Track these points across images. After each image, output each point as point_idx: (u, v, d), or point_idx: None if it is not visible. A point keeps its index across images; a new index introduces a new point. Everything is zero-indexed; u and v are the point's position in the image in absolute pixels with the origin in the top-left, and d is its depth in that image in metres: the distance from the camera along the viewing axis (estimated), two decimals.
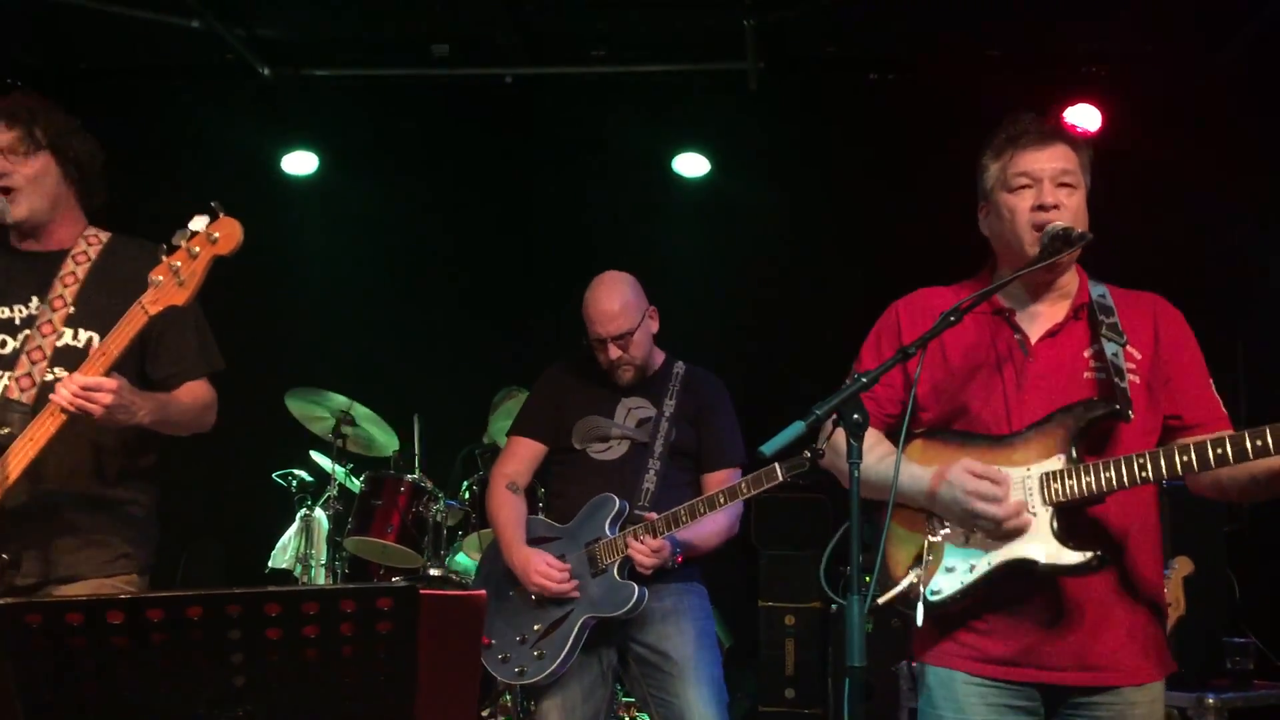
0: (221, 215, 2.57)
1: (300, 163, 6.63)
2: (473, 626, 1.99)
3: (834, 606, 5.63)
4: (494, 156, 6.53)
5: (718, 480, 3.59)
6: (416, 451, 5.59)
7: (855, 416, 2.08)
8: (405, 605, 1.90)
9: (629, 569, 3.40)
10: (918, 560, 2.43)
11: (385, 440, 5.70)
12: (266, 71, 6.31)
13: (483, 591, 2.00)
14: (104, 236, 2.91)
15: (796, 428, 2.07)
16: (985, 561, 2.38)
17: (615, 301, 3.51)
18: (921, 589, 2.37)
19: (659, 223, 6.45)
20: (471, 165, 6.54)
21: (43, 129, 2.81)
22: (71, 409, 2.52)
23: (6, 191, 2.79)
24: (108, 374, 2.57)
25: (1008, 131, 2.54)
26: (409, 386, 6.16)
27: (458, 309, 6.64)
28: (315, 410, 5.62)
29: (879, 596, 2.37)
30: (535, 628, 3.42)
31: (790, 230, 6.39)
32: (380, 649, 1.94)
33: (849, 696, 1.93)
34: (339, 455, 5.60)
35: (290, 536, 5.70)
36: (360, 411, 5.59)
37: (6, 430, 2.60)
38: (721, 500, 3.35)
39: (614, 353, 3.51)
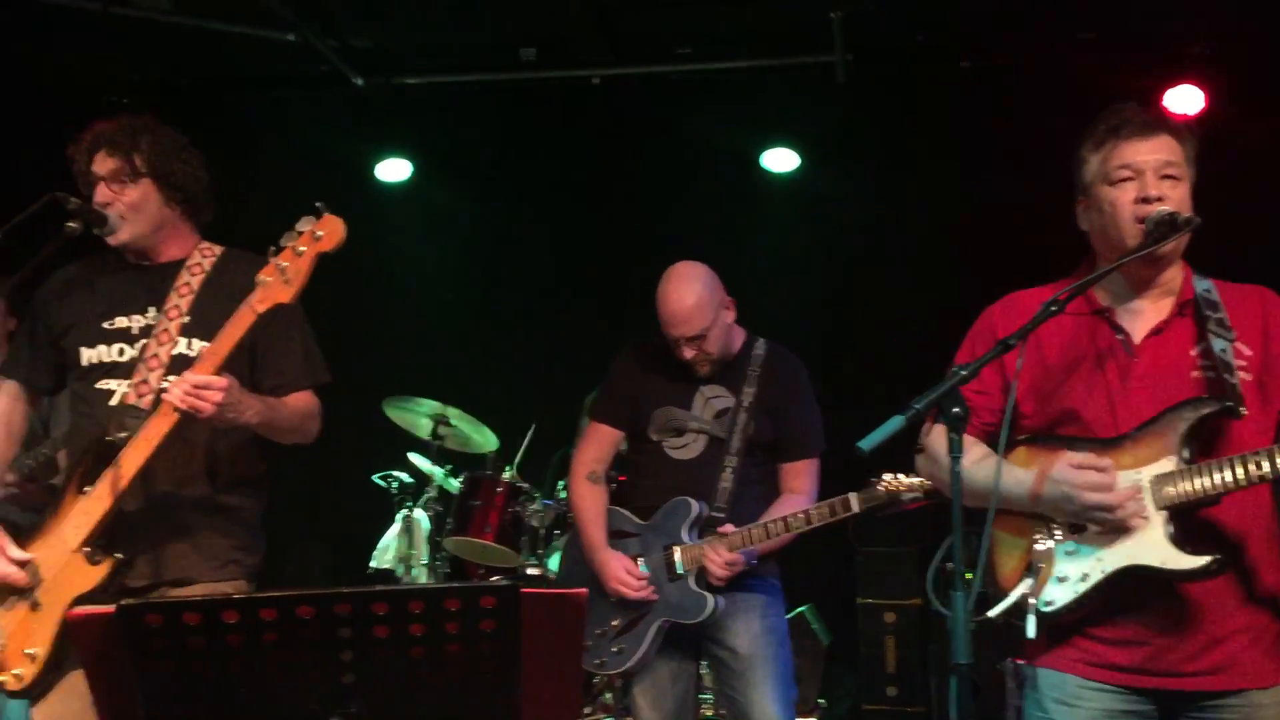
0: (325, 214, 2.62)
1: (393, 170, 6.76)
2: (574, 624, 2.01)
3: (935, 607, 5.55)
4: (582, 158, 6.57)
5: (796, 471, 3.55)
6: (517, 458, 5.64)
7: (955, 410, 2.04)
8: (508, 603, 1.93)
9: (705, 577, 3.40)
10: (1026, 569, 2.36)
11: (482, 440, 5.76)
12: (360, 81, 6.43)
13: (584, 590, 1.99)
14: (217, 250, 2.98)
15: (895, 422, 2.04)
16: (1099, 570, 2.31)
17: (688, 299, 3.43)
18: (1033, 600, 2.31)
19: (748, 219, 6.42)
20: (560, 167, 6.59)
21: (143, 156, 2.87)
22: (184, 407, 2.57)
23: (117, 216, 2.86)
24: (217, 373, 2.62)
25: (1108, 122, 2.46)
26: (502, 388, 6.23)
27: (549, 310, 6.69)
28: (412, 415, 5.71)
29: (989, 609, 2.31)
30: (614, 622, 3.45)
31: (881, 224, 6.31)
32: (484, 646, 1.97)
33: (955, 695, 1.91)
34: (437, 457, 5.68)
35: (392, 537, 5.79)
36: (455, 414, 5.66)
37: (125, 435, 2.66)
38: (797, 524, 3.32)
39: (689, 352, 3.47)
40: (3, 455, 2.92)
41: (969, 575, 2.05)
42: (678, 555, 3.42)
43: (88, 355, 2.84)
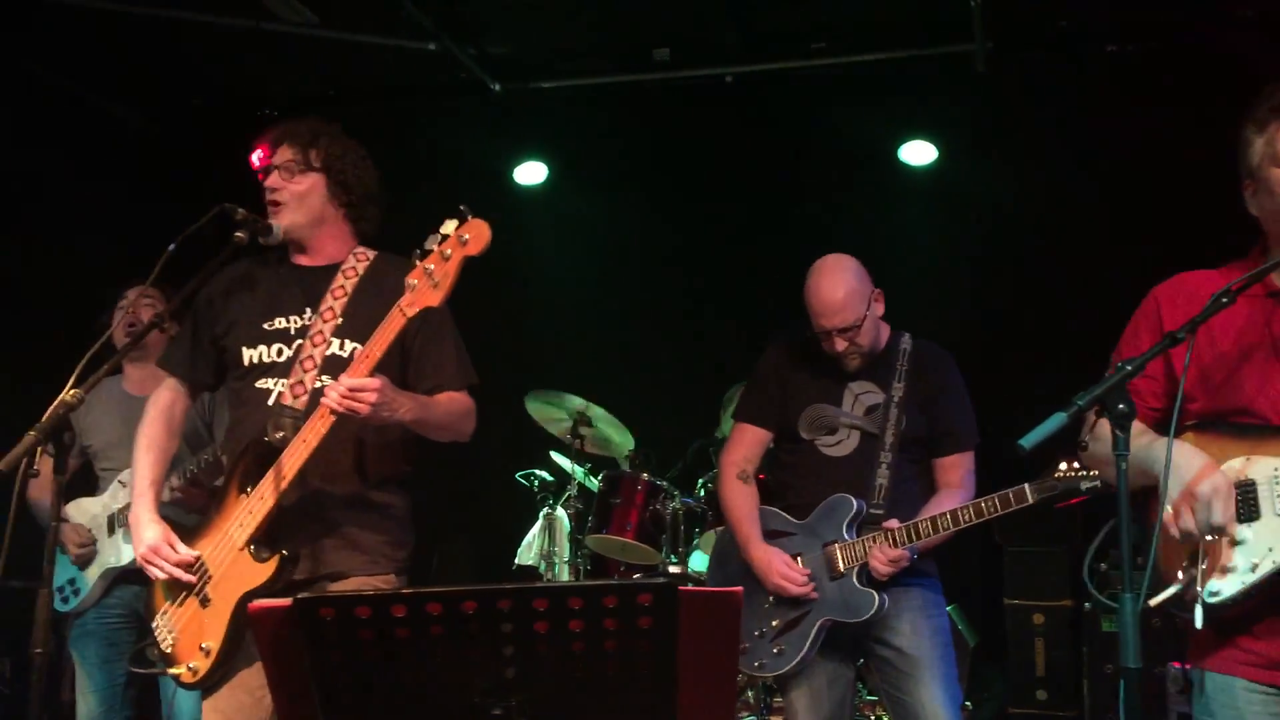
0: (470, 218, 2.66)
1: (531, 173, 6.87)
2: (730, 623, 2.01)
3: (1088, 605, 5.38)
4: (718, 155, 6.57)
5: (950, 465, 3.48)
6: (675, 471, 5.69)
7: (1121, 407, 1.98)
8: (666, 601, 1.94)
9: (868, 575, 3.35)
10: (1193, 559, 2.28)
11: (621, 440, 5.82)
12: (497, 87, 6.56)
13: (739, 589, 1.99)
14: (370, 254, 3.07)
15: (1057, 419, 1.99)
16: (1270, 560, 2.23)
17: (839, 290, 3.38)
18: (1199, 590, 2.23)
19: (886, 214, 6.33)
20: (695, 165, 6.61)
21: (319, 151, 3.00)
22: (340, 409, 2.65)
23: (275, 205, 2.98)
24: (371, 375, 2.69)
25: (1271, 101, 2.35)
26: (642, 385, 6.27)
27: (687, 307, 6.71)
28: (553, 412, 5.80)
29: (1151, 598, 2.23)
30: (774, 623, 3.41)
31: (1022, 216, 6.16)
32: (642, 644, 1.99)
33: (1125, 699, 1.85)
34: (577, 455, 5.75)
35: (534, 534, 5.89)
36: (596, 412, 5.73)
37: (281, 434, 2.76)
38: (965, 517, 3.25)
39: (840, 345, 3.42)
40: (164, 448, 3.01)
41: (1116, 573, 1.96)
42: (839, 553, 3.37)
43: (248, 355, 2.93)
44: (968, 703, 5.58)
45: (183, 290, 2.93)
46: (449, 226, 2.67)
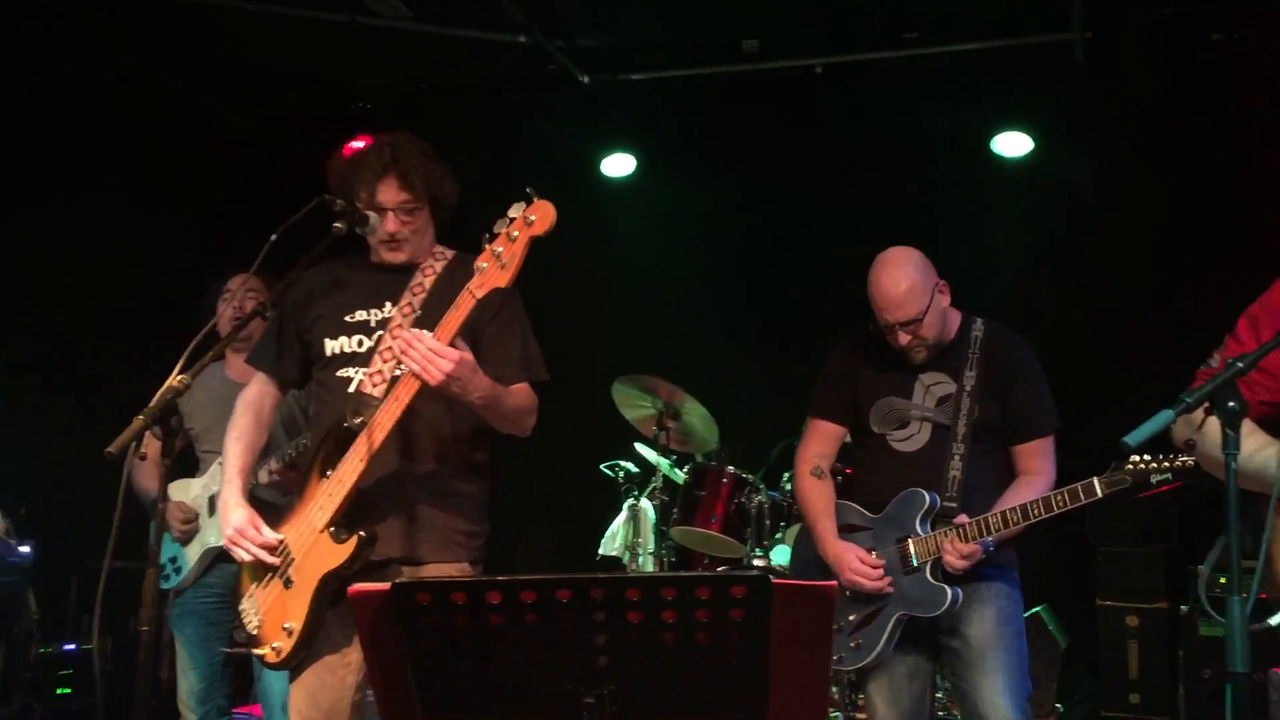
0: (535, 199, 2.67)
1: (619, 165, 6.90)
2: (824, 617, 2.00)
3: (1184, 608, 5.25)
4: (806, 147, 6.52)
5: (1030, 452, 3.40)
6: (761, 472, 5.68)
7: (1231, 404, 1.92)
8: (758, 593, 1.94)
9: (942, 569, 3.31)
10: None
11: (706, 432, 5.81)
12: (586, 79, 6.59)
13: (834, 583, 1.98)
14: (449, 254, 3.11)
15: (1164, 417, 1.94)
16: None
17: (901, 284, 3.31)
18: None
19: (980, 207, 6.23)
20: (784, 157, 6.57)
21: (424, 183, 3.01)
22: (416, 367, 2.65)
23: (397, 244, 3.00)
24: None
25: None
26: (728, 379, 6.26)
27: (774, 300, 6.68)
28: (638, 403, 5.81)
29: (1269, 615, 2.16)
30: (850, 618, 3.38)
31: (1120, 209, 6.02)
32: (734, 636, 1.98)
33: (1232, 705, 1.79)
34: (662, 447, 5.75)
35: (618, 525, 5.91)
36: (680, 406, 5.72)
37: (360, 420, 2.79)
38: (1036, 511, 3.18)
39: (904, 339, 3.35)
40: (253, 441, 3.07)
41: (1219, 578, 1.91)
42: (912, 547, 3.34)
43: (330, 346, 2.99)
44: (1059, 705, 5.48)
45: (284, 279, 2.99)
46: (515, 209, 2.69)
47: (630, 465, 6.09)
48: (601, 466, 6.17)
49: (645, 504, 5.85)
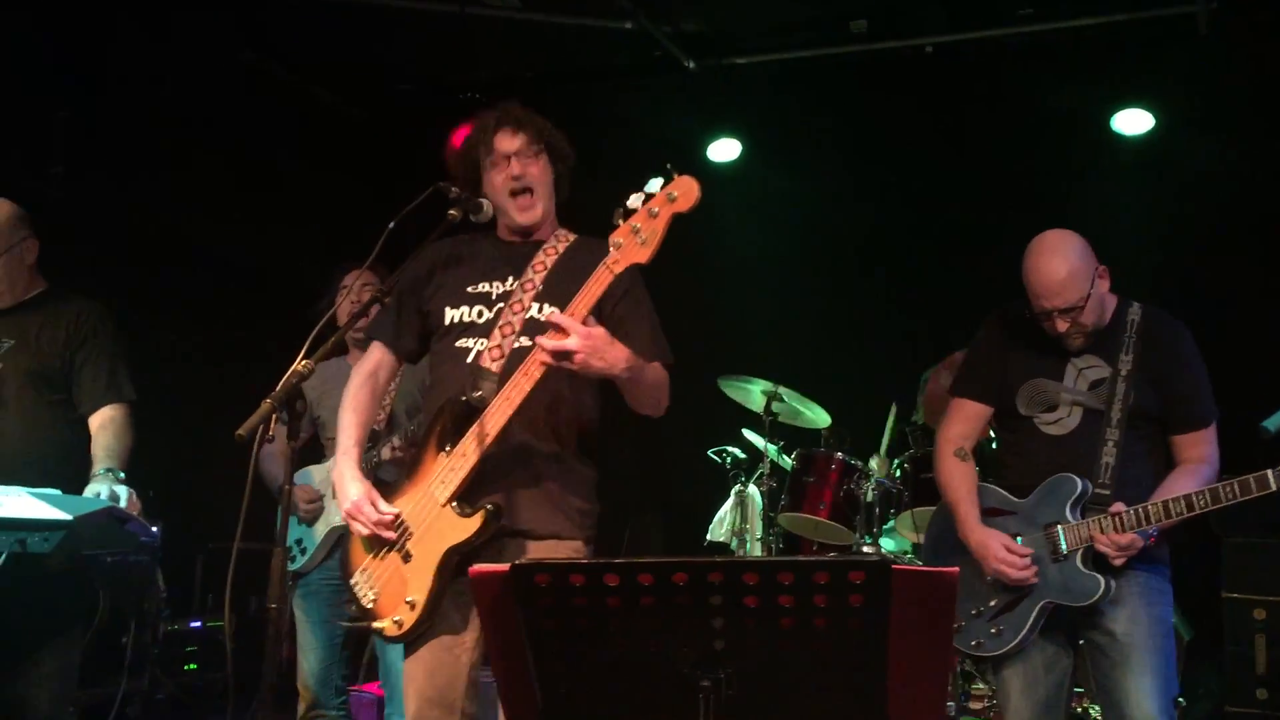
0: (676, 175, 2.64)
1: (724, 150, 6.87)
2: (945, 604, 1.97)
3: None
4: (916, 129, 6.41)
5: (1192, 441, 3.28)
6: (884, 440, 5.61)
7: None
8: (878, 579, 1.91)
9: (1093, 557, 3.21)
10: None
11: (814, 416, 5.77)
12: (691, 64, 6.57)
13: (955, 569, 1.94)
14: (571, 236, 3.11)
15: None
16: None
17: (1060, 270, 3.21)
18: None
19: (1098, 187, 6.04)
20: (893, 140, 6.47)
21: (537, 129, 3.03)
22: (549, 352, 2.65)
23: (529, 192, 3.02)
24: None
25: None
26: (837, 365, 6.20)
27: (883, 285, 6.59)
28: (746, 391, 5.79)
29: None
30: (991, 603, 3.29)
31: (1247, 187, 5.78)
32: (852, 621, 1.96)
33: None
34: (770, 433, 5.72)
35: (726, 511, 5.91)
36: (788, 391, 5.69)
37: (479, 394, 2.82)
38: (1201, 502, 3.06)
39: (1062, 325, 3.25)
40: (368, 411, 3.08)
41: None
42: (1062, 535, 3.23)
43: (450, 315, 3.00)
44: (1181, 699, 5.31)
45: (400, 267, 3.03)
46: (654, 185, 2.66)
47: (738, 451, 6.08)
48: (709, 452, 6.17)
49: (753, 490, 5.84)
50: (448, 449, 2.83)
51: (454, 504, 2.79)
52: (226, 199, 6.47)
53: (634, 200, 2.67)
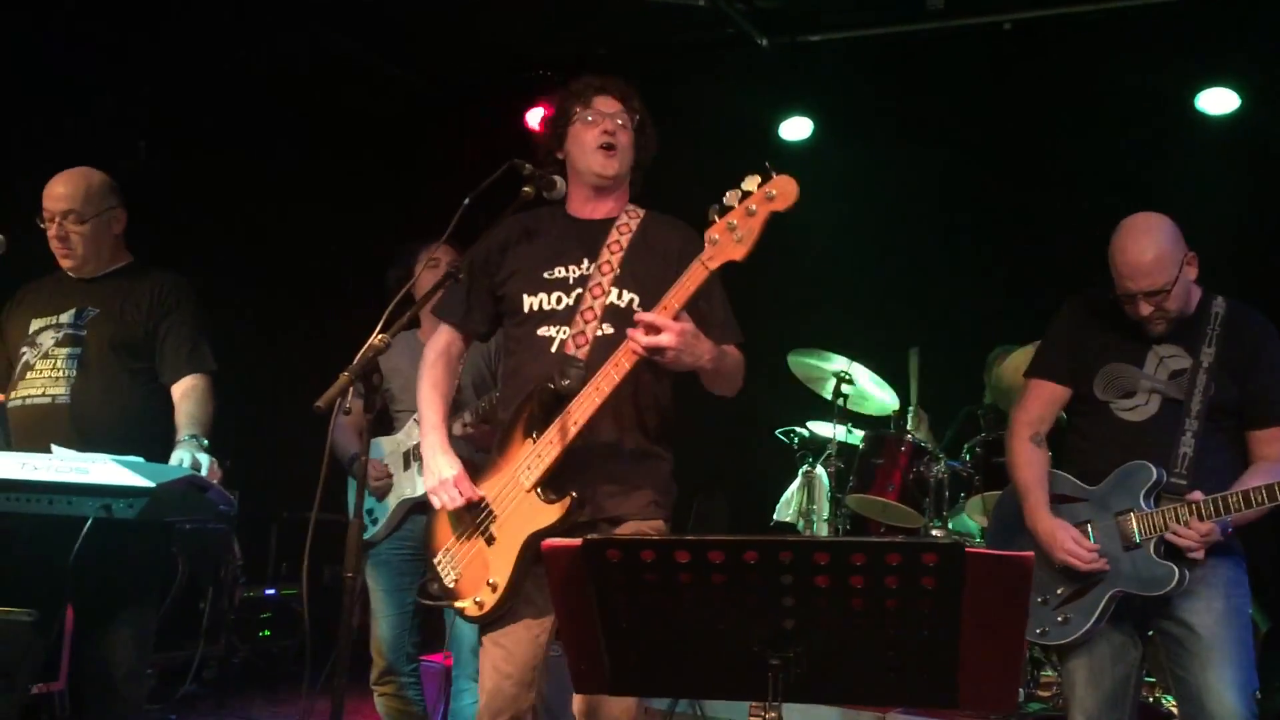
0: (775, 174, 2.67)
1: (796, 129, 6.81)
2: (1019, 588, 1.95)
3: None
4: (993, 108, 6.29)
5: (1267, 439, 3.21)
6: (913, 391, 5.56)
7: None
8: (951, 562, 1.91)
9: (1166, 547, 3.15)
10: None
11: (884, 398, 5.73)
12: (764, 42, 6.52)
13: (1030, 554, 1.92)
14: (641, 212, 3.13)
15: None
16: None
17: (1149, 252, 3.15)
18: None
19: (1181, 168, 5.89)
20: (969, 119, 6.36)
21: (638, 110, 3.11)
22: (644, 348, 2.71)
23: (611, 150, 3.04)
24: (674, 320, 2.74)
25: None
26: (907, 345, 6.14)
27: (955, 265, 6.50)
28: (815, 370, 5.77)
29: None
30: (1059, 591, 3.25)
31: None
32: (924, 604, 1.96)
33: None
34: (839, 414, 5.70)
35: (793, 491, 5.90)
36: (859, 371, 5.65)
37: (567, 382, 2.85)
38: None
39: (1145, 309, 3.20)
40: (448, 388, 3.15)
41: None
42: (1135, 523, 3.19)
43: (528, 302, 3.02)
44: (1258, 692, 5.21)
45: (472, 246, 3.06)
46: (750, 183, 2.68)
47: (805, 431, 6.06)
48: (777, 432, 6.15)
49: (820, 470, 5.82)
50: (534, 435, 2.87)
51: (538, 490, 2.84)
52: (305, 176, 6.58)
53: (730, 197, 2.70)
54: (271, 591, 6.37)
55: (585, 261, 3.02)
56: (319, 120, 6.60)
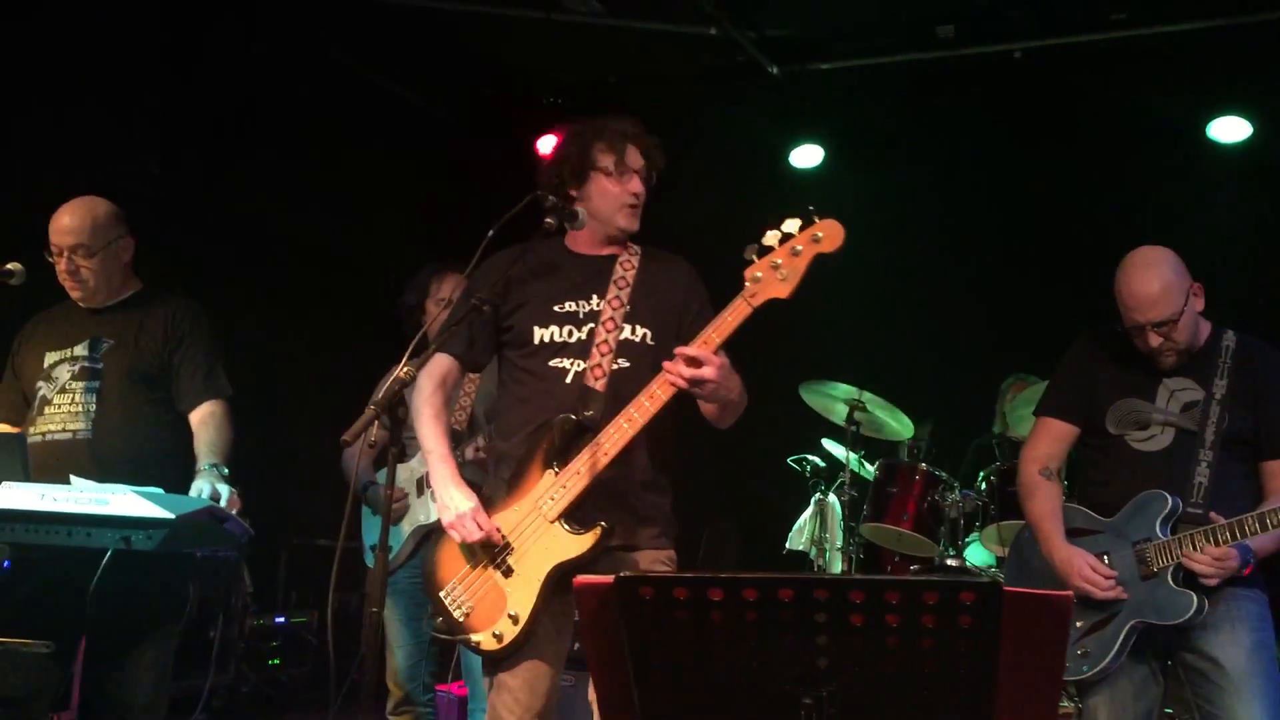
0: (818, 218, 2.76)
1: (807, 156, 6.82)
2: (1058, 627, 1.93)
3: None
4: (1004, 137, 6.31)
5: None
6: (921, 451, 5.57)
7: None
8: (988, 601, 1.88)
9: (1184, 575, 3.14)
10: None
11: (898, 426, 5.71)
12: (775, 70, 6.53)
13: (1069, 593, 1.91)
14: (638, 249, 3.17)
15: None
16: None
17: (1154, 284, 3.18)
18: None
19: (1193, 197, 5.91)
20: (980, 147, 6.38)
21: (659, 165, 3.14)
22: (683, 384, 2.75)
23: (635, 209, 3.09)
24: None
25: None
26: (919, 375, 6.13)
27: (967, 294, 6.50)
28: (828, 400, 5.75)
29: None
30: (1078, 624, 3.23)
31: None
32: (960, 643, 1.93)
33: None
34: (852, 442, 5.67)
35: (805, 520, 5.87)
36: (870, 400, 5.63)
37: (589, 413, 2.88)
38: None
39: (1154, 340, 3.21)
40: (447, 419, 3.12)
41: None
42: (1153, 552, 3.18)
43: (539, 334, 3.02)
44: None
45: (472, 276, 3.06)
46: (791, 225, 2.77)
47: (818, 459, 6.04)
48: (789, 460, 6.13)
49: (832, 499, 5.80)
50: (556, 466, 2.87)
51: (563, 521, 2.84)
52: (312, 200, 6.58)
53: (770, 238, 2.78)
54: (281, 619, 6.33)
55: (594, 298, 3.05)
56: (331, 143, 6.61)
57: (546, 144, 6.85)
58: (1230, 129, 5.92)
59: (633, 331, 3.01)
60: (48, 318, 3.72)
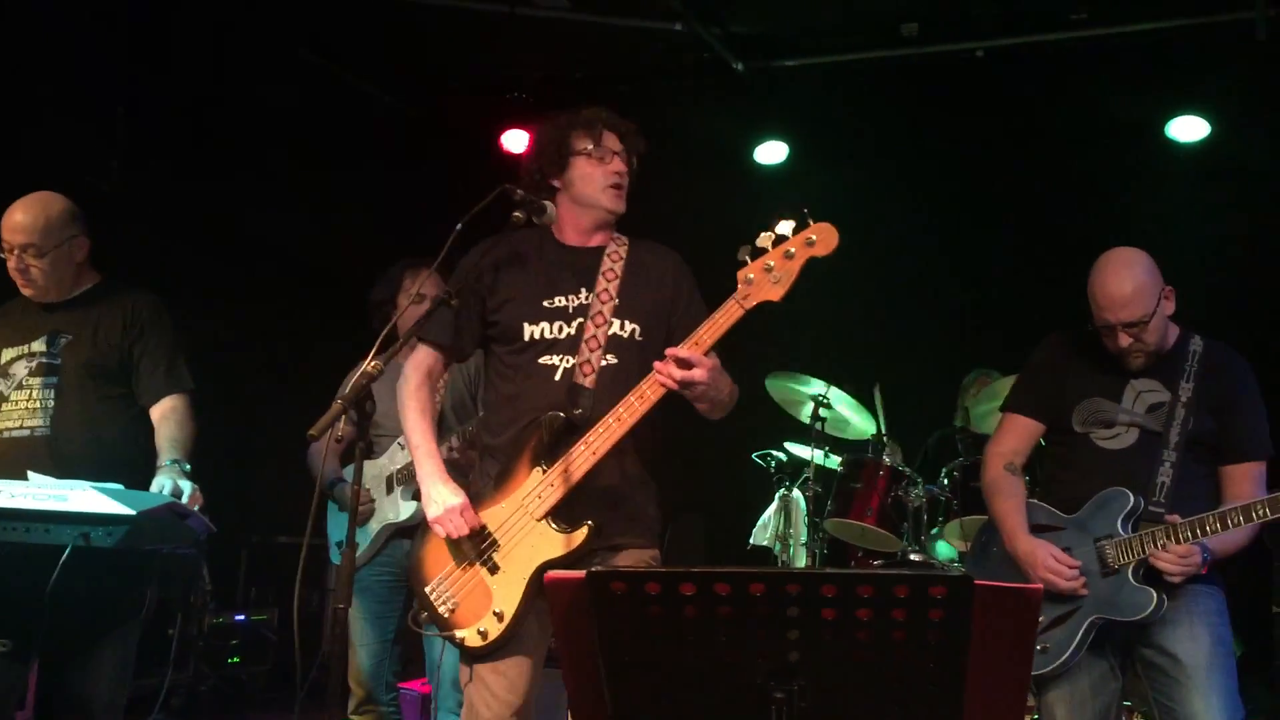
0: (811, 221, 2.76)
1: (771, 153, 6.83)
2: (1027, 620, 1.95)
3: None
4: (966, 135, 6.36)
5: (1240, 475, 3.25)
6: (880, 424, 5.58)
7: None
8: (959, 594, 1.89)
9: (1144, 572, 3.18)
10: None
11: (862, 423, 5.73)
12: (740, 66, 6.54)
13: (1039, 586, 1.92)
14: (625, 240, 3.14)
15: None
16: None
17: (1127, 285, 3.20)
18: None
19: (1152, 195, 5.99)
20: (943, 144, 6.42)
21: (639, 149, 3.14)
22: (673, 385, 2.73)
23: (619, 190, 3.07)
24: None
25: None
26: (881, 369, 6.15)
27: (928, 293, 6.54)
28: (793, 394, 5.76)
29: None
30: (1039, 619, 3.26)
31: None
32: (931, 636, 1.94)
33: None
34: (816, 438, 5.69)
35: (770, 516, 5.87)
36: (835, 395, 5.65)
37: (579, 411, 2.86)
38: (1261, 512, 3.02)
39: (1124, 340, 3.24)
40: (433, 414, 3.11)
41: None
42: (1113, 549, 3.21)
43: (529, 330, 2.99)
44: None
45: (457, 270, 3.04)
46: (785, 227, 2.78)
47: (781, 455, 6.05)
48: (754, 456, 6.14)
49: (797, 494, 5.81)
50: (544, 464, 2.85)
51: (550, 519, 2.82)
52: (275, 194, 6.51)
53: (763, 240, 2.78)
54: (241, 617, 6.27)
55: (583, 291, 3.02)
56: (296, 138, 6.54)
57: (512, 140, 6.83)
58: (1189, 128, 6.00)
59: (621, 327, 2.99)
60: (4, 313, 3.64)
